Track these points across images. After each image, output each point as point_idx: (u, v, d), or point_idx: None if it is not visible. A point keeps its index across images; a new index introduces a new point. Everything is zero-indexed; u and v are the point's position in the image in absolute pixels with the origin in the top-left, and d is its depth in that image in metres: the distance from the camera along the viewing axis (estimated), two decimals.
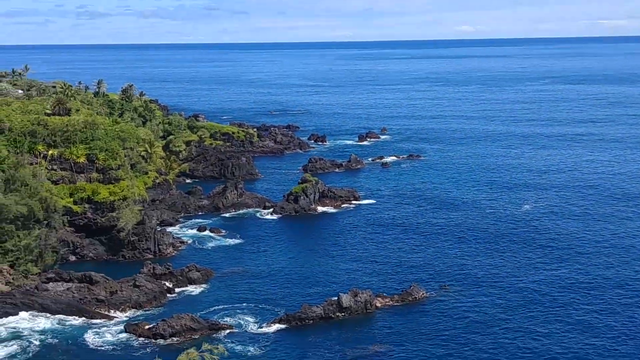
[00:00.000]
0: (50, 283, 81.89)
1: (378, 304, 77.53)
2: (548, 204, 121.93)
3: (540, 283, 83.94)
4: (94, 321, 74.75)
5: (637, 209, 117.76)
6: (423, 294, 79.82)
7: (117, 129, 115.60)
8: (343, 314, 74.57)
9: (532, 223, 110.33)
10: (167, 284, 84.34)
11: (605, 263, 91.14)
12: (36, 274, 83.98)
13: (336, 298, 75.73)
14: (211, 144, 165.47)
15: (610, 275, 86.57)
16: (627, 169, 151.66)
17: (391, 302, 78.35)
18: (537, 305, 77.09)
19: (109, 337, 70.68)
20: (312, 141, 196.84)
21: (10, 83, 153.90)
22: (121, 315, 76.44)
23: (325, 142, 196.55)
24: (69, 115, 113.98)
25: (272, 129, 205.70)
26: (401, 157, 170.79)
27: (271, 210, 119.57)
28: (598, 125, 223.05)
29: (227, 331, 71.32)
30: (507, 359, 64.68)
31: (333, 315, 74.19)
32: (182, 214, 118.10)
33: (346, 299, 75.11)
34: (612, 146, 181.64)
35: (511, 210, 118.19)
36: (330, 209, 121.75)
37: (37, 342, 69.51)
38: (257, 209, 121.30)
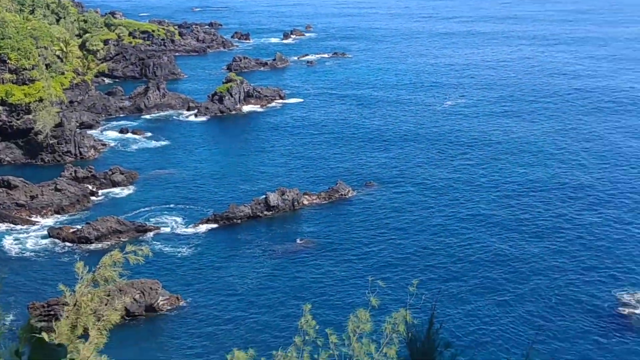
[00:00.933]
0: None
1: (305, 202, 78.41)
2: (469, 102, 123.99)
3: (461, 180, 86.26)
4: (15, 227, 73.06)
5: (556, 106, 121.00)
6: (349, 191, 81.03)
7: (28, 27, 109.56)
8: (271, 212, 75.22)
9: (454, 120, 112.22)
10: (90, 187, 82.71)
11: (525, 161, 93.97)
12: None
13: (264, 197, 76.16)
14: (130, 42, 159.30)
15: (527, 173, 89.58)
16: (548, 66, 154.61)
17: (318, 200, 79.36)
18: (458, 203, 79.49)
19: (31, 243, 69.30)
20: (236, 39, 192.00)
21: None
22: (43, 221, 74.90)
23: (249, 40, 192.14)
24: None
25: (194, 26, 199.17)
26: (326, 55, 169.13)
27: (195, 111, 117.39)
28: (520, 22, 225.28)
29: (155, 232, 71.09)
30: (429, 254, 66.97)
31: (261, 214, 74.77)
32: (103, 116, 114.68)
33: (273, 198, 75.60)
34: (533, 43, 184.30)
35: (433, 108, 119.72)
36: (256, 109, 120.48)
37: None
38: (180, 110, 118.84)
